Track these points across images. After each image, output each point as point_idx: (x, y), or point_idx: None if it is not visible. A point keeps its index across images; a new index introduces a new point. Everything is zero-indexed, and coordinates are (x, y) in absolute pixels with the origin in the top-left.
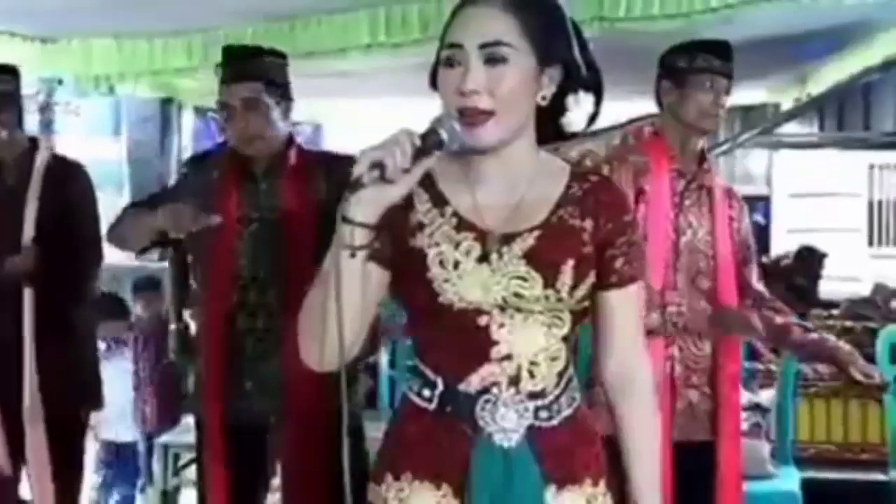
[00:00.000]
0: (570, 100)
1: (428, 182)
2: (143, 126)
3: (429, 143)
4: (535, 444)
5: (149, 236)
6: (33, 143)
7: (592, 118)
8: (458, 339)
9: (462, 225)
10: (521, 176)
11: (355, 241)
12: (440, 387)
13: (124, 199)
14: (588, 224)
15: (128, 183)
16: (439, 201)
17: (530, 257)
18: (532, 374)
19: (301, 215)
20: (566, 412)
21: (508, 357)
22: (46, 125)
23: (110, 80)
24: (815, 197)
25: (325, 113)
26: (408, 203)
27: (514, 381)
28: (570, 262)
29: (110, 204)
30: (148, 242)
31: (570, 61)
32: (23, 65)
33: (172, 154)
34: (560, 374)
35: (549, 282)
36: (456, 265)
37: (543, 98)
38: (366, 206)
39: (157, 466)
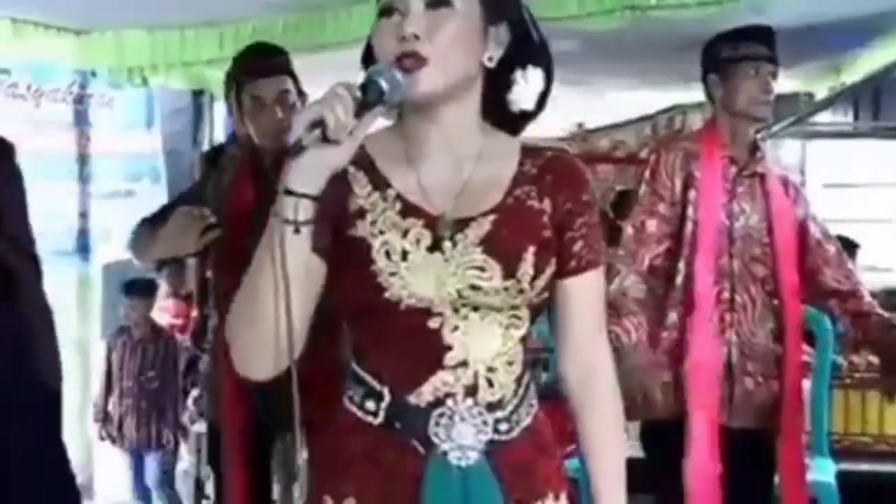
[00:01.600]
0: (519, 75)
1: (366, 163)
2: (176, 118)
3: (370, 94)
4: (495, 460)
5: (158, 252)
6: None
7: (543, 96)
8: (407, 343)
9: (408, 210)
10: (466, 151)
11: (299, 215)
12: (387, 398)
13: (162, 189)
14: (546, 205)
15: (164, 174)
16: (380, 184)
17: (488, 244)
18: (490, 383)
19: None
20: (525, 422)
21: (464, 363)
22: (81, 117)
23: (143, 71)
24: (848, 187)
25: None
26: (344, 187)
27: (471, 390)
28: (531, 249)
29: (148, 196)
30: (159, 258)
31: (518, 22)
32: (57, 57)
33: (204, 145)
34: (518, 381)
35: (509, 271)
36: (404, 256)
37: (490, 59)
38: (308, 173)
39: (191, 455)
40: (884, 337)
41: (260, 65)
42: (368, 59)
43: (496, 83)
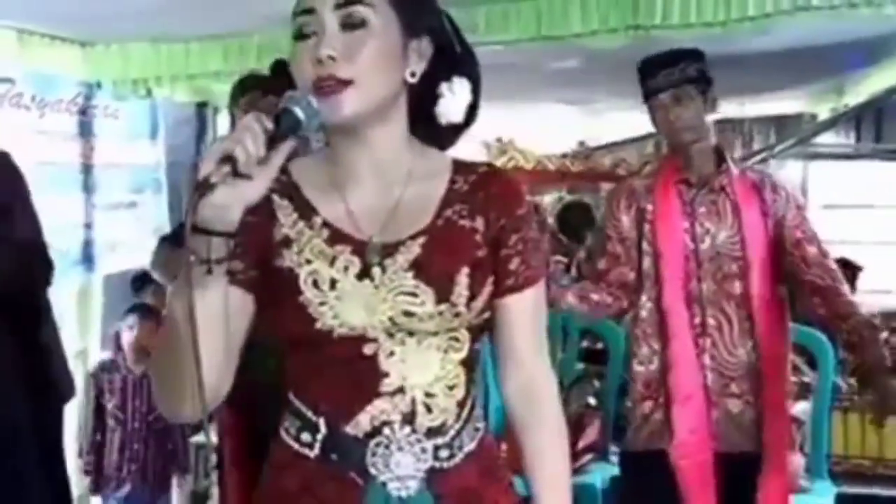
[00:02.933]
0: (445, 87)
1: (292, 191)
2: (179, 129)
3: (284, 124)
4: (437, 488)
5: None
6: None
7: (472, 108)
8: (341, 372)
9: (335, 237)
10: (395, 173)
11: (212, 253)
12: (323, 430)
13: (163, 200)
14: (479, 223)
15: (165, 186)
16: (306, 211)
17: (418, 269)
18: (429, 409)
19: None
20: (469, 447)
21: (401, 390)
22: (85, 128)
23: (147, 83)
24: (850, 208)
25: None
26: (269, 216)
27: (409, 418)
28: (465, 270)
29: (150, 206)
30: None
31: (439, 33)
32: (62, 68)
33: None
34: (460, 405)
35: (443, 295)
36: (333, 285)
37: (413, 75)
38: (220, 211)
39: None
40: (866, 336)
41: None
42: (287, 82)
43: (422, 98)
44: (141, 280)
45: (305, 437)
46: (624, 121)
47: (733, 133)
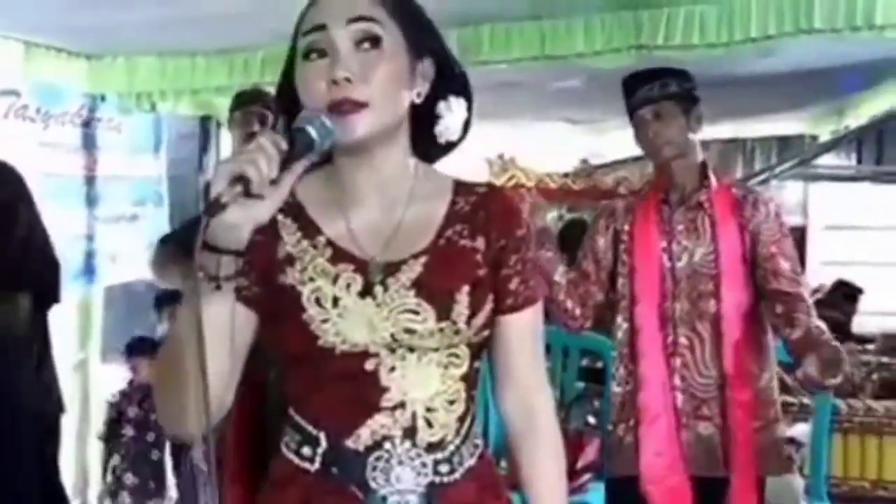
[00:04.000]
0: (443, 106)
1: (296, 210)
2: (183, 143)
3: (298, 145)
4: (437, 503)
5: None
6: None
7: (467, 125)
8: (342, 387)
9: (338, 255)
10: (398, 193)
11: (221, 270)
12: (323, 444)
13: (164, 213)
14: (480, 243)
15: (167, 199)
16: (310, 230)
17: (420, 287)
18: (429, 423)
19: None
20: (469, 462)
21: (401, 405)
22: (89, 141)
23: (152, 97)
24: (851, 230)
25: None
26: (273, 234)
27: (410, 432)
28: (465, 289)
29: (151, 219)
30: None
31: (442, 55)
32: (68, 81)
33: (209, 172)
34: (460, 420)
35: (444, 313)
36: (335, 302)
37: (419, 95)
38: (230, 230)
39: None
40: (815, 335)
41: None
42: (286, 100)
43: (421, 117)
44: (162, 300)
45: (306, 451)
46: (626, 140)
47: (735, 153)
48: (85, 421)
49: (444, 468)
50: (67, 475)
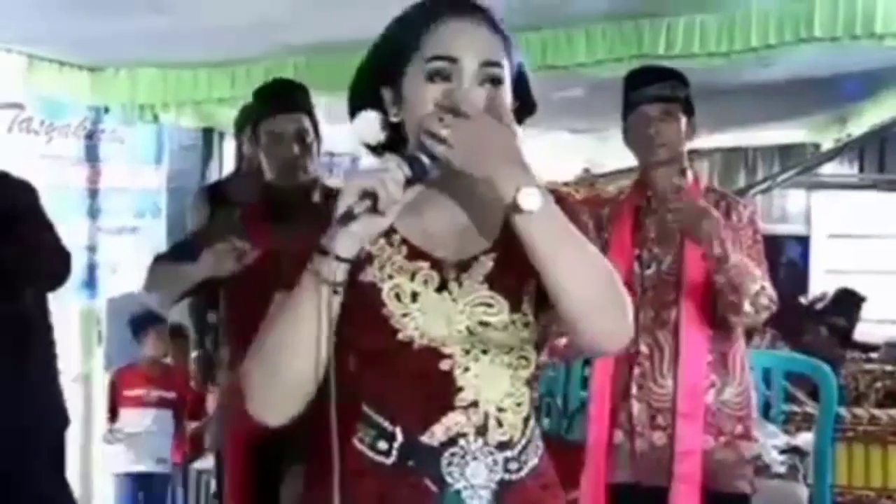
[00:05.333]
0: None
1: None
2: (184, 155)
3: (415, 170)
4: (504, 500)
5: (186, 287)
6: None
7: None
8: (418, 385)
9: (414, 254)
10: (467, 194)
11: (338, 276)
12: (399, 438)
13: (161, 224)
14: None
15: (165, 210)
16: (387, 230)
17: (492, 282)
18: (499, 423)
19: None
20: (532, 462)
21: (474, 404)
22: (92, 153)
23: (154, 109)
24: (853, 238)
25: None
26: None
27: (482, 430)
28: (532, 282)
29: (149, 231)
30: (182, 294)
31: (529, 97)
32: (71, 93)
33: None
34: (525, 421)
35: (515, 305)
36: (414, 297)
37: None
38: (352, 240)
39: (189, 494)
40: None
41: (280, 101)
42: (362, 100)
43: None
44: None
45: (382, 445)
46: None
47: (737, 162)
48: (88, 433)
49: (512, 466)
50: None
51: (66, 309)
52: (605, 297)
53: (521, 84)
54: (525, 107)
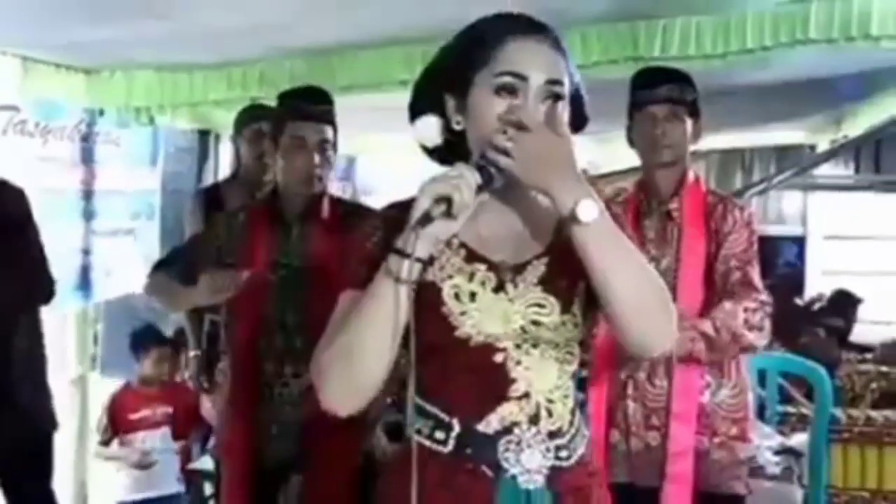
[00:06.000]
0: None
1: None
2: (180, 157)
3: (485, 178)
4: (555, 485)
5: (185, 307)
6: None
7: None
8: (473, 378)
9: (471, 256)
10: (521, 202)
11: (413, 275)
12: (457, 428)
13: (155, 226)
14: None
15: (158, 212)
16: None
17: (545, 284)
18: (550, 413)
19: (330, 264)
20: (580, 450)
21: (527, 395)
22: (87, 155)
23: (150, 111)
24: (850, 239)
25: (360, 146)
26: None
27: (534, 420)
28: (582, 285)
29: (143, 233)
30: (185, 309)
31: (582, 110)
32: (66, 95)
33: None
34: (572, 412)
35: (565, 306)
36: (473, 297)
37: None
38: (427, 242)
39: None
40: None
41: (309, 108)
42: (425, 101)
43: None
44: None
45: (439, 434)
46: (625, 150)
47: (734, 163)
48: (83, 436)
49: (563, 453)
50: (66, 490)
51: (60, 311)
52: (652, 302)
53: (577, 99)
54: (578, 119)
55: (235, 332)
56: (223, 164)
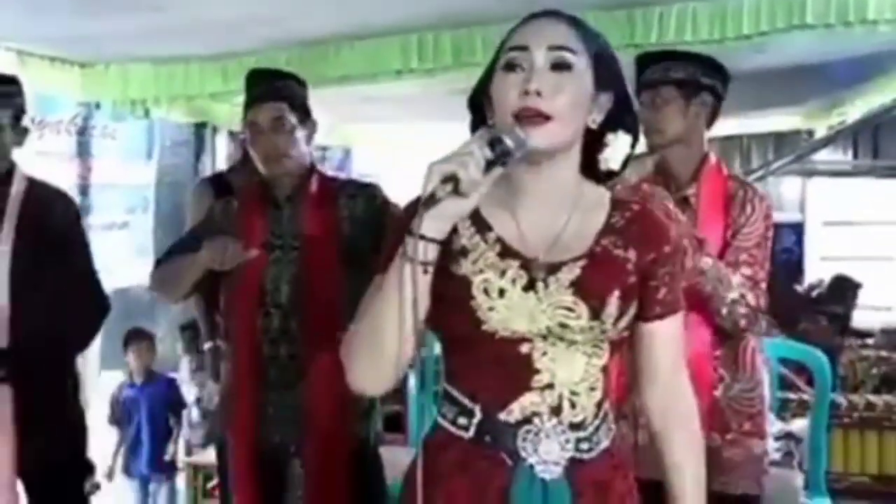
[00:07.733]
0: (611, 137)
1: None
2: (176, 150)
3: (497, 152)
4: (574, 477)
5: (192, 280)
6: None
7: (626, 161)
8: (498, 367)
9: (506, 252)
10: (563, 202)
11: (428, 256)
12: (478, 415)
13: (149, 219)
14: (632, 254)
15: (153, 206)
16: (482, 227)
17: (577, 287)
18: (573, 405)
19: (323, 242)
20: (604, 444)
21: (550, 386)
22: (83, 149)
23: (146, 104)
24: (848, 225)
25: (356, 137)
26: (451, 228)
27: (556, 411)
28: (616, 293)
29: (139, 225)
30: (191, 288)
31: (622, 93)
32: (62, 89)
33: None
34: (598, 405)
35: (595, 313)
36: (501, 293)
37: (594, 121)
38: (438, 222)
39: (187, 487)
40: None
41: (256, 91)
42: (477, 106)
43: (592, 142)
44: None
45: (462, 420)
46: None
47: (732, 150)
48: None
49: (584, 446)
50: None
51: None
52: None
53: (600, 60)
54: (605, 80)
55: (231, 316)
56: (219, 156)
